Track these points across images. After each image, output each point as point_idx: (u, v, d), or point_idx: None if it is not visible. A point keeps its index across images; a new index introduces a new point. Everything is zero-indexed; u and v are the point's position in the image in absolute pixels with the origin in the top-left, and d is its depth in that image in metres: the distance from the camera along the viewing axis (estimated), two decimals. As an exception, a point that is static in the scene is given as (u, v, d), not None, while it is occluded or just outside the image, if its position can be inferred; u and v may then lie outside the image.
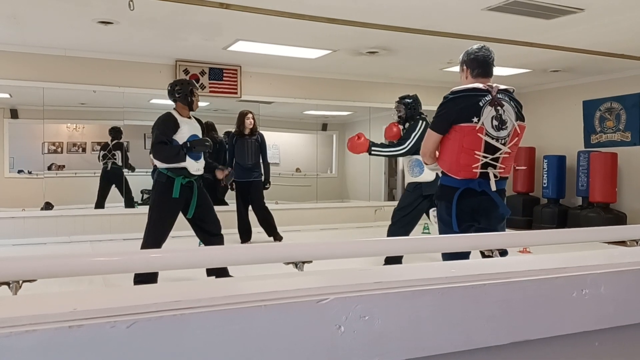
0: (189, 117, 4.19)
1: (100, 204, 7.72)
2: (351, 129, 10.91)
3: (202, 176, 4.23)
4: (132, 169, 8.15)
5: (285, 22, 5.17)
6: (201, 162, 4.15)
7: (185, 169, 4.01)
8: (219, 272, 3.76)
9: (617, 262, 1.09)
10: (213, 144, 4.56)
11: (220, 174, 4.50)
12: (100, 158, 8.08)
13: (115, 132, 7.99)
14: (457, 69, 8.38)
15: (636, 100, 7.88)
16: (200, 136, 4.18)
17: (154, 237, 4.01)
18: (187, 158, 4.01)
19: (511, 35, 5.75)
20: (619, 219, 7.60)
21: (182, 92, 4.11)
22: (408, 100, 4.78)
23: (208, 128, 6.15)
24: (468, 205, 2.75)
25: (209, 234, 4.17)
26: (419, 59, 7.22)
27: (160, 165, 4.05)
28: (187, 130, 4.08)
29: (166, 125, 4.01)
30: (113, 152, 7.92)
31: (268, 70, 7.85)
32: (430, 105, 4.81)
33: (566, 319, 1.00)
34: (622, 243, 2.41)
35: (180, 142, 4.01)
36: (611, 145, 8.16)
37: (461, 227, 2.75)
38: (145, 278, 3.46)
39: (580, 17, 5.18)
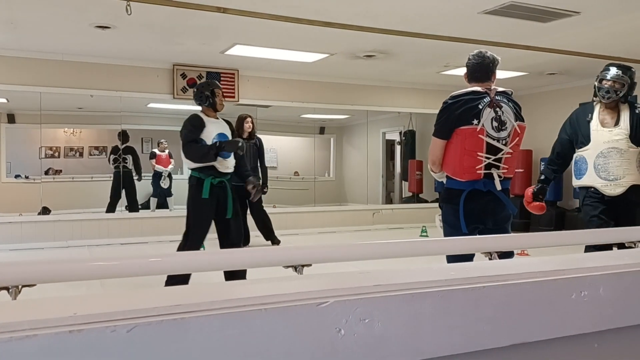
0: (217, 118, 4.17)
1: (111, 209, 7.69)
2: (349, 132, 10.93)
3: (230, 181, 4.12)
4: (124, 160, 8.07)
5: (282, 26, 5.18)
6: (231, 161, 4.09)
7: (213, 167, 3.97)
8: (239, 275, 3.63)
9: (616, 264, 1.09)
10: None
11: (249, 187, 4.29)
12: (111, 162, 8.03)
13: (125, 136, 7.94)
14: (454, 72, 8.38)
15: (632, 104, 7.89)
16: (230, 136, 4.12)
17: (193, 241, 3.95)
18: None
19: (507, 39, 5.77)
20: (616, 221, 7.62)
21: (204, 95, 4.09)
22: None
23: None
24: (475, 207, 2.78)
25: (229, 243, 4.04)
26: (416, 63, 7.24)
27: (190, 165, 4.02)
28: (213, 129, 4.04)
29: (193, 124, 3.99)
30: (124, 156, 7.89)
31: (265, 74, 7.85)
32: (427, 109, 4.84)
33: (565, 321, 1.00)
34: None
35: (207, 141, 3.96)
36: (608, 147, 8.17)
37: (468, 229, 2.77)
38: (178, 280, 3.39)
39: (576, 20, 5.20)
